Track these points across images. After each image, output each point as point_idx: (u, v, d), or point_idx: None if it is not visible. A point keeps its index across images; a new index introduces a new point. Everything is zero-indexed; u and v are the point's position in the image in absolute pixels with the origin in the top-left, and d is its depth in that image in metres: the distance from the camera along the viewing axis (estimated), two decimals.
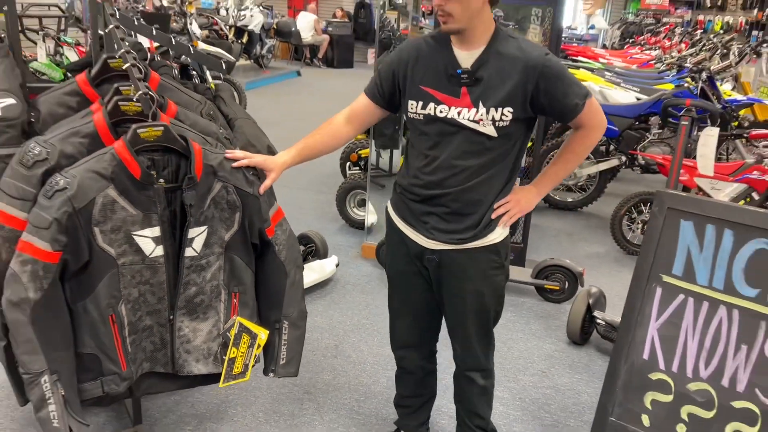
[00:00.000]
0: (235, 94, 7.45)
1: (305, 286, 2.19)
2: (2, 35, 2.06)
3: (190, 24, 9.25)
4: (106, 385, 1.79)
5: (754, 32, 11.57)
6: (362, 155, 4.91)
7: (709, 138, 3.10)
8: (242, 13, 11.52)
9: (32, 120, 1.84)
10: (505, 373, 3.02)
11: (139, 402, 2.45)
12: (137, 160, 1.71)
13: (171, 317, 1.86)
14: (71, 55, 6.41)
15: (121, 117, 1.82)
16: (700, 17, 13.24)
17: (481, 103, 1.82)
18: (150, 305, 1.84)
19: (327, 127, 2.06)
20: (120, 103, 1.80)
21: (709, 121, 3.11)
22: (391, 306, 2.23)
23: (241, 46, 11.26)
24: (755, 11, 12.46)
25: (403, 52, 1.94)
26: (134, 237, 1.75)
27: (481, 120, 1.83)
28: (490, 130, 1.84)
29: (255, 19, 11.65)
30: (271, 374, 2.05)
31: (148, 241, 1.78)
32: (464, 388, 2.24)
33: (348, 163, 5.13)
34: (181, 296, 1.86)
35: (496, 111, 1.82)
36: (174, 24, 7.56)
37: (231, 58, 7.74)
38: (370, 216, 4.51)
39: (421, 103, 1.88)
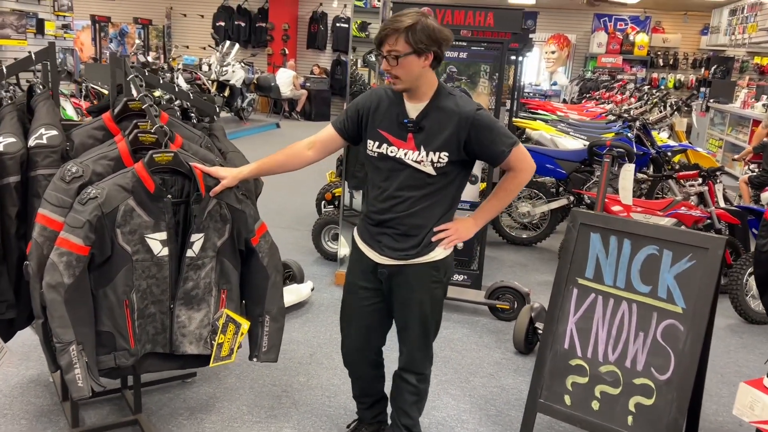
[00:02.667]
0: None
1: None
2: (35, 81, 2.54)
3: (177, 78, 9.86)
4: (118, 358, 2.21)
5: (702, 88, 12.47)
6: (336, 194, 5.41)
7: (626, 173, 3.67)
8: (224, 68, 12.17)
9: (68, 148, 2.31)
10: (458, 376, 3.46)
11: (139, 394, 2.84)
12: (152, 179, 2.18)
13: (171, 306, 2.30)
14: (66, 106, 6.89)
15: (139, 145, 2.30)
16: (655, 75, 14.23)
17: (422, 147, 2.26)
18: (155, 295, 2.27)
19: (288, 149, 2.45)
20: (139, 134, 2.29)
21: (626, 158, 3.68)
22: (343, 315, 2.61)
23: (223, 99, 11.88)
24: (702, 70, 13.47)
25: (367, 100, 2.40)
26: (146, 239, 2.20)
27: (422, 161, 2.27)
28: (429, 169, 2.28)
29: (236, 75, 12.29)
30: (255, 359, 2.47)
31: (157, 243, 2.23)
32: (400, 385, 2.57)
33: (323, 202, 5.63)
34: (180, 289, 2.30)
35: (434, 154, 2.26)
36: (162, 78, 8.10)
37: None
38: (342, 249, 4.98)
39: (377, 143, 2.34)
